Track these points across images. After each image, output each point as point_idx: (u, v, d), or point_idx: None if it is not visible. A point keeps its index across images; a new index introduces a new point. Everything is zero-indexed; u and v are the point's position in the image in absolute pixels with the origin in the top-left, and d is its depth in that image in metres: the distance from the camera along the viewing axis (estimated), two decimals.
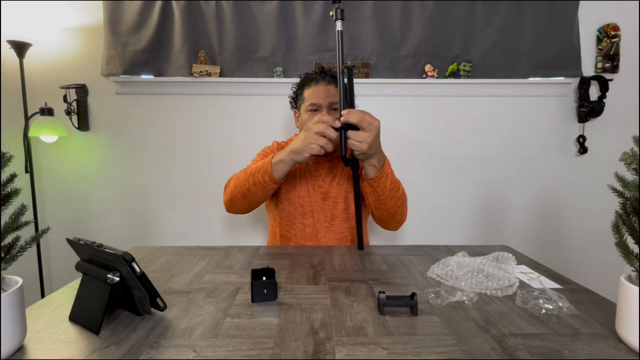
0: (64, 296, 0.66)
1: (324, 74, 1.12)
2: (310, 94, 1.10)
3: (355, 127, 0.84)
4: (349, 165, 0.94)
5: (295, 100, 1.18)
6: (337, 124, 0.85)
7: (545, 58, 1.74)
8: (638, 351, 0.48)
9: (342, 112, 0.84)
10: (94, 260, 0.58)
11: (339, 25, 0.86)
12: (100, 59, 1.71)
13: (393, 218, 1.04)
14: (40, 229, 1.53)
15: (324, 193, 1.12)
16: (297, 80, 1.19)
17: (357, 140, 0.83)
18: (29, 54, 1.62)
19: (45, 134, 1.61)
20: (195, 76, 1.69)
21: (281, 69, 1.72)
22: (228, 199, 1.05)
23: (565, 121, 1.82)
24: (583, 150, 1.79)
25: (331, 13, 0.88)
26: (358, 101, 1.37)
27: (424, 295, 0.65)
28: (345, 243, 1.12)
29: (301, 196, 1.11)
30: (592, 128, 1.81)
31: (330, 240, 1.11)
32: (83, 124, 1.77)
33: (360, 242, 0.95)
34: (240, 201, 1.02)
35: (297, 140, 0.90)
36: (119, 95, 1.76)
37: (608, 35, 1.75)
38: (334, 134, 0.85)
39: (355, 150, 0.86)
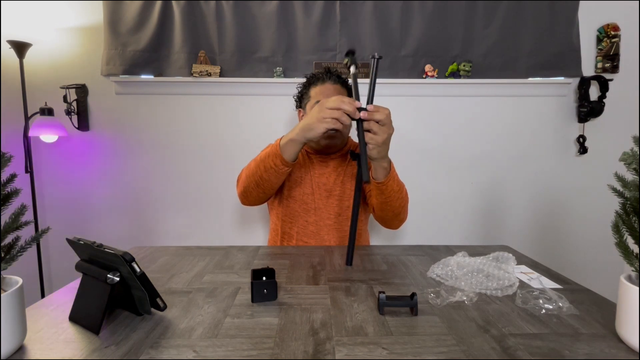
0: (64, 296, 0.66)
1: (331, 74, 1.14)
2: (317, 92, 1.11)
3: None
4: (356, 159, 0.87)
5: (301, 99, 1.19)
6: (357, 115, 0.80)
7: (545, 58, 1.74)
8: (638, 351, 0.48)
9: (369, 107, 0.81)
10: (94, 260, 0.58)
11: (352, 69, 0.91)
12: (100, 59, 1.71)
13: (397, 218, 1.04)
14: (40, 229, 1.53)
15: (329, 191, 1.12)
16: (297, 80, 1.20)
17: (374, 132, 0.81)
18: (29, 54, 1.62)
19: (45, 134, 1.61)
20: (195, 76, 1.69)
21: (281, 69, 1.72)
22: (242, 190, 1.03)
23: (565, 121, 1.82)
24: (583, 150, 1.79)
25: (345, 61, 0.95)
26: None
27: (424, 295, 0.65)
28: (347, 241, 1.12)
29: (305, 193, 1.11)
30: (592, 128, 1.81)
31: (332, 238, 1.11)
32: (83, 124, 1.76)
33: (350, 257, 0.83)
34: (254, 190, 1.00)
35: (309, 116, 0.85)
36: (119, 95, 1.76)
37: (608, 35, 1.75)
38: (347, 120, 0.81)
39: (369, 144, 0.82)
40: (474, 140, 1.82)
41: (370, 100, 0.84)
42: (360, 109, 0.81)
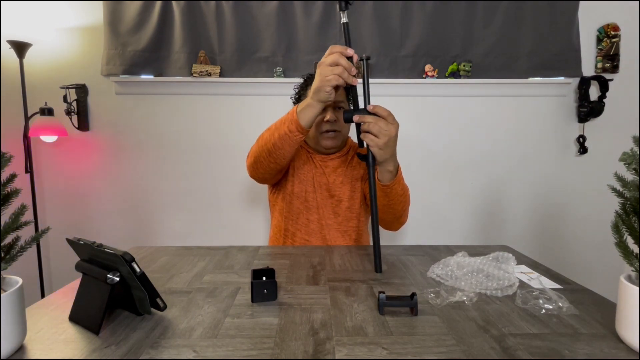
0: (64, 296, 0.66)
1: None
2: None
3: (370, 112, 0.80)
4: (363, 160, 0.86)
5: (298, 99, 1.19)
6: (350, 52, 0.80)
7: (545, 58, 1.74)
8: (638, 351, 0.48)
9: (369, 106, 0.80)
10: (94, 260, 0.58)
11: (344, 17, 0.84)
12: (100, 59, 1.71)
13: (398, 221, 1.04)
14: (40, 229, 1.53)
15: (328, 191, 1.12)
16: (297, 80, 1.19)
17: (374, 134, 0.79)
18: (29, 54, 1.62)
19: (45, 134, 1.61)
20: (195, 76, 1.69)
21: (281, 69, 1.72)
22: (252, 161, 1.01)
23: (565, 121, 1.82)
24: (583, 150, 1.79)
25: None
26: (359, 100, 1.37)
27: (424, 295, 0.65)
28: (349, 241, 1.12)
29: (307, 191, 1.11)
30: (592, 128, 1.81)
31: (334, 236, 1.11)
32: (83, 124, 1.76)
33: (378, 263, 0.80)
34: (265, 160, 0.98)
35: (315, 80, 0.85)
36: (119, 95, 1.76)
37: (608, 35, 1.75)
38: (346, 63, 0.80)
39: (370, 146, 0.81)
40: (474, 140, 1.82)
41: (366, 102, 0.84)
42: (358, 110, 0.80)
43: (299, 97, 1.19)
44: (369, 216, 1.22)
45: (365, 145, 0.83)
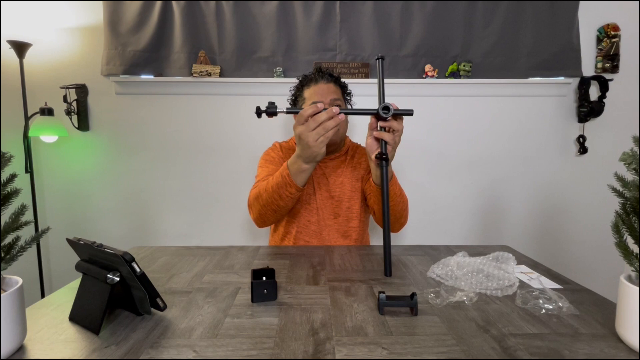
0: (64, 296, 0.66)
1: (323, 73, 1.13)
2: (312, 93, 1.11)
3: (382, 118, 0.81)
4: (381, 159, 0.86)
5: (295, 101, 1.19)
6: (334, 113, 0.83)
7: (545, 58, 1.74)
8: (638, 351, 0.48)
9: (393, 104, 0.81)
10: (94, 260, 0.58)
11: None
12: (100, 59, 1.71)
13: (398, 222, 1.05)
14: (40, 229, 1.53)
15: (329, 191, 1.12)
16: (297, 80, 1.19)
17: (393, 132, 0.83)
18: (29, 54, 1.62)
19: (45, 134, 1.61)
20: (195, 76, 1.69)
21: (281, 69, 1.72)
22: (257, 217, 1.05)
23: (565, 121, 1.82)
24: (583, 150, 1.79)
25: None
26: (358, 100, 1.37)
27: (424, 295, 0.65)
28: (349, 241, 1.12)
29: (307, 193, 1.12)
30: (592, 128, 1.81)
31: (334, 237, 1.11)
32: (83, 124, 1.76)
33: (387, 267, 0.78)
34: (272, 216, 1.04)
35: (303, 145, 0.86)
36: (119, 95, 1.76)
37: (608, 35, 1.75)
38: (325, 116, 0.82)
39: (389, 145, 0.84)
40: (474, 140, 1.82)
41: (382, 100, 0.84)
42: (385, 107, 0.81)
43: (295, 99, 1.19)
44: (369, 216, 1.22)
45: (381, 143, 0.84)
